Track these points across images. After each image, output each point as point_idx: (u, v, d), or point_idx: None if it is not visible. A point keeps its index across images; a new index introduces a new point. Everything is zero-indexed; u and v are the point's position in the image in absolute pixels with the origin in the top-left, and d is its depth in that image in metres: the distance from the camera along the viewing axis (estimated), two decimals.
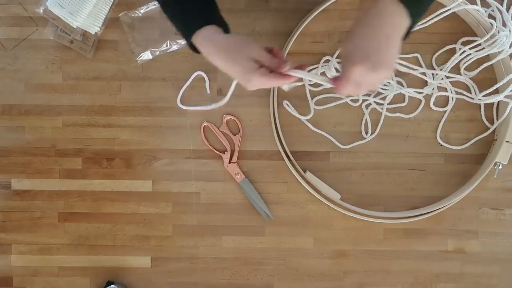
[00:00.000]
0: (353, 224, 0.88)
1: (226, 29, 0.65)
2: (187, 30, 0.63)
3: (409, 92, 0.88)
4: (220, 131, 0.87)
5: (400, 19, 0.55)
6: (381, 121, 0.88)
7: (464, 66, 0.88)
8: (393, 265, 0.89)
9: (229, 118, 0.88)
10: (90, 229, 0.89)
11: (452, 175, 0.89)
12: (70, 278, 0.89)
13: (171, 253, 0.89)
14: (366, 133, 0.89)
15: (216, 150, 0.88)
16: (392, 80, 0.87)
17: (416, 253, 0.89)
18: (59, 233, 0.89)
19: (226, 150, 0.88)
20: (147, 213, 0.89)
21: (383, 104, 0.88)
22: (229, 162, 0.87)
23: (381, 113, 0.88)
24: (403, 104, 0.89)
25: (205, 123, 0.88)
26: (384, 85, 0.88)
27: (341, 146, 0.88)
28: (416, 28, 0.87)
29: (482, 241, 0.89)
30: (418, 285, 0.89)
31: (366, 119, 0.88)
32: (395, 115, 0.89)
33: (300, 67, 0.62)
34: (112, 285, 0.86)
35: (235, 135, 0.88)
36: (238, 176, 0.87)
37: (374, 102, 0.88)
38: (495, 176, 0.87)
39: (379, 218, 0.87)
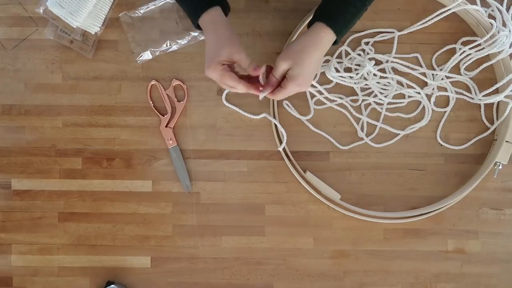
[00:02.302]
0: (353, 224, 0.88)
1: (227, 8, 0.74)
2: (195, 12, 0.71)
3: (409, 92, 0.88)
4: (166, 94, 0.88)
5: (330, 39, 0.70)
6: (381, 121, 0.88)
7: (464, 66, 0.88)
8: (393, 265, 0.89)
9: (177, 83, 0.88)
10: (90, 229, 0.89)
11: (452, 175, 0.89)
12: (70, 278, 0.89)
13: (171, 253, 0.89)
14: (363, 132, 0.89)
15: (157, 110, 0.88)
16: (392, 80, 0.87)
17: (416, 253, 0.89)
18: (59, 233, 0.89)
19: (166, 113, 0.88)
20: (147, 213, 0.89)
21: (382, 104, 0.88)
22: (166, 126, 0.88)
23: (381, 113, 0.88)
24: (403, 104, 0.89)
25: (153, 82, 0.88)
26: (384, 85, 0.88)
27: (341, 147, 0.88)
28: (416, 28, 0.87)
29: (482, 241, 0.89)
30: (418, 285, 0.89)
31: (363, 120, 0.89)
32: (395, 115, 0.89)
33: (268, 85, 0.73)
34: (112, 285, 0.86)
35: (180, 101, 0.88)
36: (171, 142, 0.88)
37: (374, 102, 0.88)
38: (495, 176, 0.87)
39: (379, 218, 0.87)
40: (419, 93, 0.88)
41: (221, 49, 0.69)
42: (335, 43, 0.71)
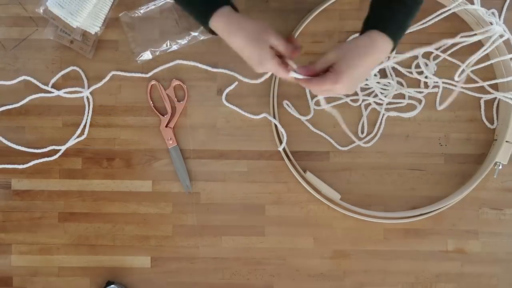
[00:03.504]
0: (353, 224, 0.88)
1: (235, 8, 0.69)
2: (205, 11, 0.66)
3: (409, 92, 0.88)
4: (166, 94, 0.88)
5: (388, 46, 0.65)
6: (380, 121, 0.88)
7: (464, 66, 0.88)
8: (393, 265, 0.89)
9: (177, 83, 0.88)
10: (90, 229, 0.89)
11: (452, 175, 0.89)
12: (70, 278, 0.89)
13: (171, 253, 0.89)
14: (363, 133, 0.89)
15: (157, 110, 0.88)
16: (393, 80, 0.87)
17: (416, 253, 0.89)
18: (59, 233, 0.89)
19: (166, 113, 0.88)
20: (147, 213, 0.89)
21: (382, 104, 0.88)
22: (166, 126, 0.88)
23: (382, 113, 0.88)
24: (403, 104, 0.89)
25: (153, 82, 0.88)
26: (384, 85, 0.88)
27: (340, 148, 0.88)
28: (416, 28, 0.87)
29: (482, 241, 0.89)
30: (418, 285, 0.89)
31: (363, 120, 0.89)
32: (395, 115, 0.89)
33: (304, 68, 0.66)
34: (112, 285, 0.86)
35: (180, 101, 0.88)
36: (171, 142, 0.88)
37: (374, 102, 0.88)
38: (495, 176, 0.87)
39: (379, 218, 0.87)
40: (420, 92, 0.88)
41: (263, 40, 0.64)
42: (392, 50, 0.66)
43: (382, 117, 0.88)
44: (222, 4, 0.66)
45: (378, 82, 0.87)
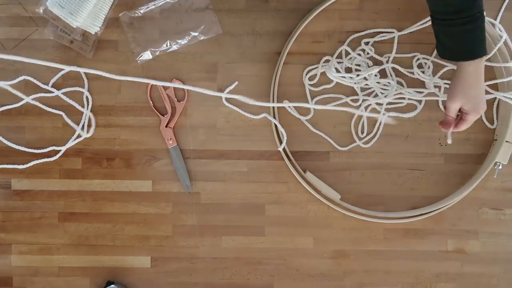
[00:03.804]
0: (353, 224, 0.88)
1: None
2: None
3: (410, 92, 0.88)
4: (166, 94, 0.88)
5: (482, 64, 0.71)
6: (380, 121, 0.88)
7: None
8: (393, 265, 0.89)
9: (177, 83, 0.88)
10: (90, 229, 0.89)
11: (452, 175, 0.89)
12: (70, 278, 0.89)
13: (171, 253, 0.89)
14: (363, 133, 0.89)
15: (157, 110, 0.88)
16: (392, 80, 0.87)
17: (416, 253, 0.89)
18: (59, 233, 0.89)
19: (166, 113, 0.88)
20: (147, 213, 0.89)
21: (382, 104, 0.88)
22: (166, 126, 0.88)
23: (382, 113, 0.88)
24: (403, 104, 0.89)
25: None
26: (384, 85, 0.88)
27: (340, 148, 0.88)
28: (416, 28, 0.87)
29: (482, 241, 0.89)
30: (418, 285, 0.89)
31: (363, 120, 0.89)
32: (394, 115, 0.88)
33: (448, 126, 0.78)
34: (112, 285, 0.86)
35: (180, 101, 0.88)
36: (171, 142, 0.88)
37: (374, 102, 0.88)
38: (495, 176, 0.87)
39: (379, 218, 0.87)
40: (420, 92, 0.88)
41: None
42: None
43: (382, 117, 0.88)
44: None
45: (378, 82, 0.88)
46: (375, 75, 0.87)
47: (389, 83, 0.88)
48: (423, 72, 0.88)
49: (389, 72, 0.88)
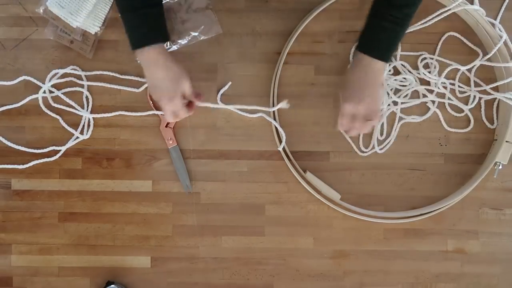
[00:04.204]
0: (353, 224, 0.88)
1: (166, 39, 0.74)
2: (144, 39, 0.71)
3: (420, 89, 0.87)
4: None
5: (380, 66, 0.72)
6: (396, 123, 0.88)
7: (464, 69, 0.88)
8: (393, 265, 0.89)
9: None
10: (90, 229, 0.89)
11: (452, 175, 0.89)
12: (70, 278, 0.89)
13: (171, 253, 0.89)
14: (382, 135, 0.89)
15: (157, 110, 0.88)
16: (407, 75, 0.87)
17: (416, 253, 0.89)
18: (59, 233, 0.89)
19: None
20: (147, 213, 0.89)
21: (397, 105, 0.88)
22: (166, 126, 0.88)
23: (398, 116, 0.88)
24: (409, 105, 0.88)
25: None
26: (401, 81, 0.88)
27: (360, 153, 0.88)
28: (416, 28, 0.87)
29: (482, 241, 0.89)
30: (418, 285, 0.89)
31: (383, 122, 0.88)
32: (411, 120, 0.89)
33: (345, 125, 0.76)
34: (112, 285, 0.86)
35: None
36: (171, 142, 0.88)
37: (391, 103, 0.88)
38: (495, 176, 0.87)
39: (379, 218, 0.87)
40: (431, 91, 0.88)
41: (181, 83, 0.73)
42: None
43: (399, 120, 0.89)
44: (160, 42, 0.72)
45: (395, 80, 0.87)
46: (390, 73, 0.87)
47: (404, 78, 0.87)
48: (429, 72, 0.87)
49: (401, 68, 0.88)
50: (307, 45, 0.88)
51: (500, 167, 0.86)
